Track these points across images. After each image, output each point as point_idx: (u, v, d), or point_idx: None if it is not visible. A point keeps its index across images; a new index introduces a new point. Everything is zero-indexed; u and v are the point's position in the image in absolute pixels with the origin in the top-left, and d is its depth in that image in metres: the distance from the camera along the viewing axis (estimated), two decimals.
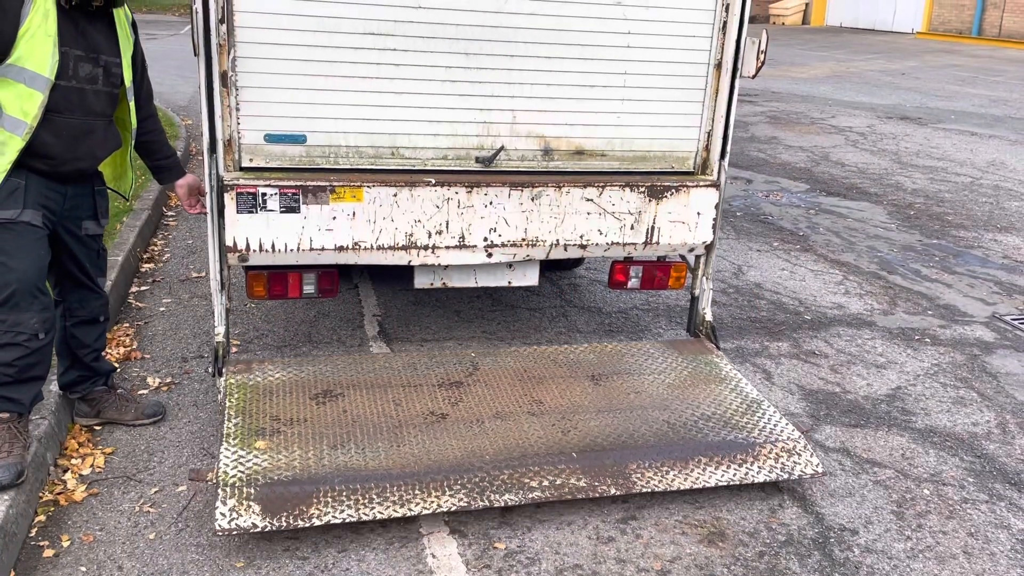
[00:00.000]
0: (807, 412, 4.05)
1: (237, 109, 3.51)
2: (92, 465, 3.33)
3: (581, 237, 3.97)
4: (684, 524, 3.17)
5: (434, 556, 2.93)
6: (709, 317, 4.27)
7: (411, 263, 3.82)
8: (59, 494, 3.14)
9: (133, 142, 3.41)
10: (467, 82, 3.70)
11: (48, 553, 2.85)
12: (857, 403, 4.17)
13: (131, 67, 3.23)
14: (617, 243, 4.03)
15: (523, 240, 3.90)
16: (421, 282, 3.99)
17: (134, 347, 4.34)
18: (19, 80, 2.84)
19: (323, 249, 3.67)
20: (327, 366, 3.76)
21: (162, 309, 4.86)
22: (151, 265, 5.55)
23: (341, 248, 3.70)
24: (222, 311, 3.65)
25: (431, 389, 3.64)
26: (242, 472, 3.01)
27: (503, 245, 3.88)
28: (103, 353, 3.60)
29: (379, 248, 3.74)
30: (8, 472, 2.91)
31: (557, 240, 3.94)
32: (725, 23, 3.90)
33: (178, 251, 5.87)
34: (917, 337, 4.97)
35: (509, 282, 4.10)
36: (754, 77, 3.92)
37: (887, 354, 4.73)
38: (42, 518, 3.02)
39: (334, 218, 3.64)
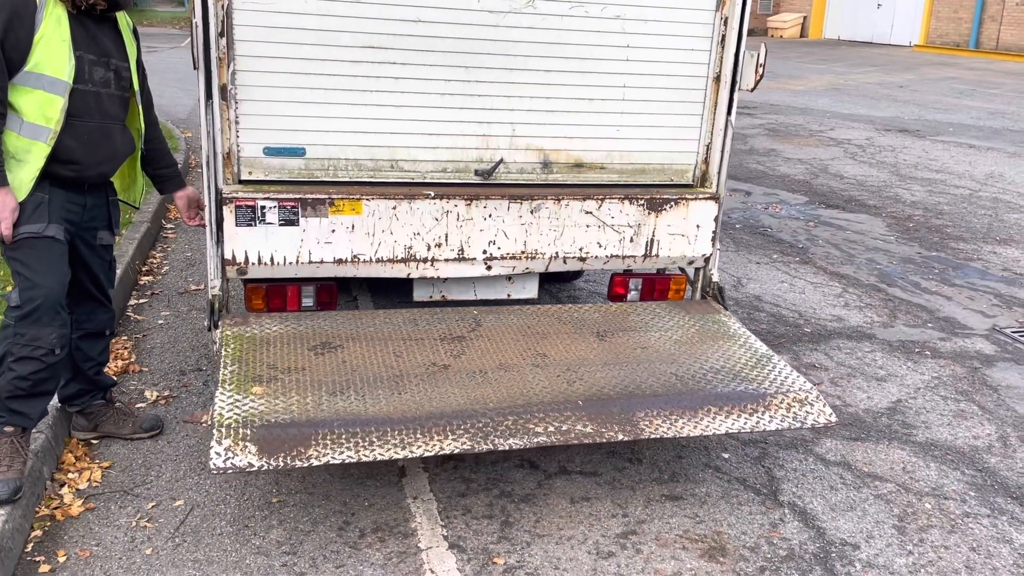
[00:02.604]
0: None
1: (236, 122, 3.51)
2: (89, 479, 3.31)
3: (580, 250, 3.96)
4: (684, 539, 3.15)
5: (432, 572, 2.91)
6: (716, 278, 4.22)
7: (410, 276, 3.81)
8: (56, 509, 3.12)
9: (141, 149, 3.42)
10: (466, 95, 3.71)
11: (44, 568, 2.83)
12: (858, 416, 4.16)
13: (137, 71, 3.26)
14: (616, 256, 4.02)
15: (522, 253, 3.89)
16: (420, 295, 3.98)
17: (132, 360, 4.33)
18: (38, 87, 2.87)
19: (322, 262, 3.67)
20: (325, 321, 3.70)
21: (160, 322, 4.85)
22: (150, 278, 5.54)
23: (340, 261, 3.69)
24: (217, 264, 3.59)
25: (433, 343, 3.59)
26: (238, 414, 2.95)
27: (502, 258, 3.88)
28: (104, 367, 3.59)
29: (378, 261, 3.73)
30: (6, 487, 2.90)
31: (556, 253, 3.94)
32: (724, 36, 3.91)
33: (177, 264, 5.86)
34: (917, 350, 4.96)
35: (508, 295, 4.09)
36: (753, 90, 3.93)
37: (887, 367, 4.72)
38: (38, 533, 3.00)
39: (333, 231, 3.63)
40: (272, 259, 3.61)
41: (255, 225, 3.55)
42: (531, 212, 3.84)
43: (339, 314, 3.79)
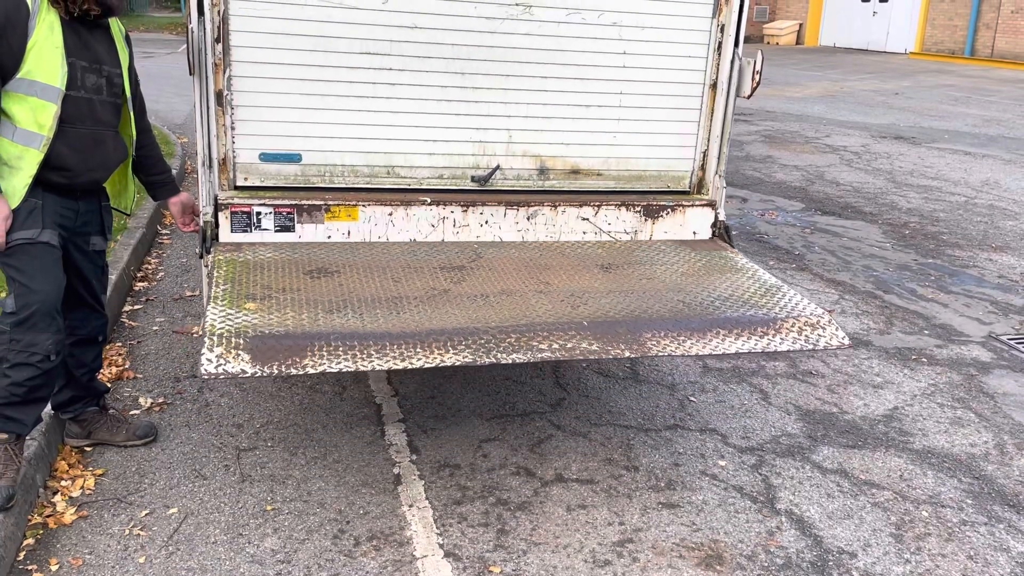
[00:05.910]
0: (804, 433, 4.03)
1: (232, 128, 3.50)
2: (82, 487, 3.29)
3: None
4: (681, 547, 3.14)
5: None
6: (723, 217, 4.18)
7: None
8: (48, 517, 3.10)
9: (132, 156, 3.41)
10: (463, 101, 3.71)
11: None
12: (854, 424, 4.15)
13: (129, 78, 3.25)
14: None
15: None
16: None
17: (126, 367, 4.30)
18: (31, 93, 2.87)
19: None
20: (320, 249, 3.62)
21: (155, 328, 4.83)
22: (145, 284, 5.52)
23: None
24: (210, 190, 3.52)
25: (432, 271, 3.51)
26: (231, 325, 2.86)
27: None
28: (98, 374, 3.57)
29: None
30: None
31: None
32: (720, 44, 3.92)
33: (172, 270, 5.84)
34: (914, 357, 4.95)
35: None
36: (749, 97, 3.93)
37: (884, 374, 4.71)
38: (31, 541, 2.97)
39: (329, 237, 3.62)
40: None
41: (250, 231, 3.54)
42: (528, 219, 3.83)
43: (334, 244, 3.69)
